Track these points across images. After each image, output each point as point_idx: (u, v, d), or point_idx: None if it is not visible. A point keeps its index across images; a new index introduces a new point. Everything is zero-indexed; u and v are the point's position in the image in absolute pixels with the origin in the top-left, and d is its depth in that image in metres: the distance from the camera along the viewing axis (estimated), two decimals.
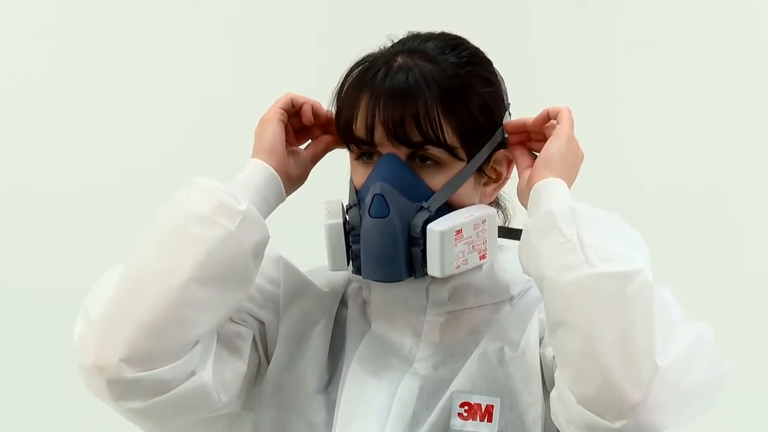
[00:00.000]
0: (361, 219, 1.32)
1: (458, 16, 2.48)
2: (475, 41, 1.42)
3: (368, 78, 1.32)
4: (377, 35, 1.40)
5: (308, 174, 1.43)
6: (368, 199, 1.31)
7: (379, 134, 1.31)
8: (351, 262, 1.35)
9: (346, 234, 1.34)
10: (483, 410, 1.32)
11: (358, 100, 1.33)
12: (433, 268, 1.31)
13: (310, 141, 1.45)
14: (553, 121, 1.36)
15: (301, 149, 1.44)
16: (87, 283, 2.81)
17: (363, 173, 1.35)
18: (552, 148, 1.32)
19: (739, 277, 2.56)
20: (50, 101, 2.66)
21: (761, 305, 2.56)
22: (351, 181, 1.38)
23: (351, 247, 1.34)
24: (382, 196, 1.30)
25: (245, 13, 2.72)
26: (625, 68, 2.65)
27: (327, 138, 1.43)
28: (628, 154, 2.61)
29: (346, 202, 1.38)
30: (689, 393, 1.18)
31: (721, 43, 2.60)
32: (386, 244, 1.30)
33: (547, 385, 1.32)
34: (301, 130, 1.44)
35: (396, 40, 1.38)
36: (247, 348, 1.38)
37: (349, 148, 1.37)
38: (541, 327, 1.34)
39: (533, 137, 1.38)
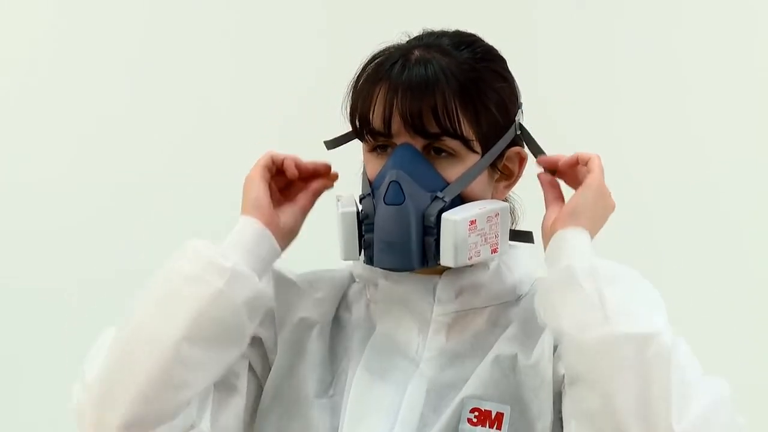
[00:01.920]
0: (375, 207, 1.32)
1: (458, 16, 2.47)
2: None
3: (385, 70, 1.33)
4: (377, 35, 1.40)
5: (300, 225, 1.41)
6: (383, 186, 1.31)
7: (396, 125, 1.32)
8: (363, 251, 1.35)
9: (359, 223, 1.35)
10: (493, 417, 1.31)
11: (374, 91, 1.33)
12: (446, 257, 1.31)
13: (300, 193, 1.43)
14: (582, 167, 1.35)
15: (291, 203, 1.42)
16: (86, 283, 2.81)
17: (377, 164, 1.35)
18: (581, 196, 1.33)
19: (739, 276, 2.55)
20: (50, 102, 2.66)
21: (762, 305, 2.56)
22: (364, 173, 1.38)
23: (363, 236, 1.34)
24: (398, 183, 1.30)
25: (245, 13, 2.72)
26: (625, 68, 2.65)
27: (314, 186, 1.42)
28: (628, 154, 2.60)
29: (357, 196, 1.38)
30: None
31: (721, 43, 2.60)
32: (400, 232, 1.31)
33: (554, 398, 1.32)
34: (288, 185, 1.43)
35: (411, 37, 1.39)
36: (243, 382, 1.38)
37: (363, 140, 1.37)
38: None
39: (562, 177, 1.39)
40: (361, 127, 1.35)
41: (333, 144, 1.44)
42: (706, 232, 2.58)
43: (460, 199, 1.33)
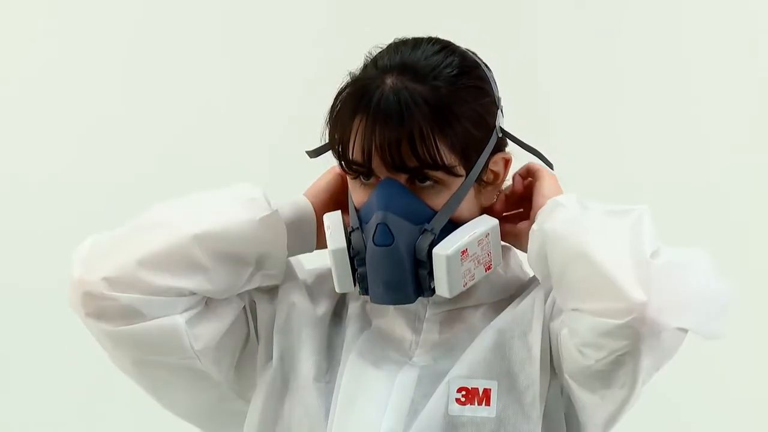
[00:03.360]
0: (365, 244, 1.33)
1: (458, 16, 2.47)
2: (476, 41, 1.41)
3: (361, 104, 1.31)
4: (378, 34, 1.40)
5: None
6: (371, 226, 1.32)
7: (376, 161, 1.31)
8: (358, 283, 1.36)
9: (351, 258, 1.35)
10: (481, 394, 1.33)
11: (351, 126, 1.32)
12: (442, 289, 1.33)
13: None
14: (529, 179, 1.42)
15: None
16: None
17: (363, 194, 1.35)
18: (543, 184, 1.38)
19: (741, 277, 2.55)
20: (48, 102, 2.67)
21: (763, 305, 2.56)
22: (350, 199, 1.38)
23: (357, 270, 1.35)
24: (385, 224, 1.30)
25: (244, 13, 2.72)
26: (625, 68, 2.65)
27: None
28: (628, 154, 2.60)
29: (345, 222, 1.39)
30: (690, 294, 1.24)
31: (722, 44, 2.60)
32: (393, 271, 1.32)
33: (554, 362, 1.35)
34: None
35: (382, 47, 1.38)
36: (230, 314, 1.41)
37: (346, 171, 1.37)
38: (545, 304, 1.37)
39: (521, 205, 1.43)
40: (342, 160, 1.35)
41: (315, 153, 1.44)
42: (707, 232, 2.57)
43: (450, 224, 1.34)
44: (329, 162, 1.43)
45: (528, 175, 1.41)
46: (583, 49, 2.65)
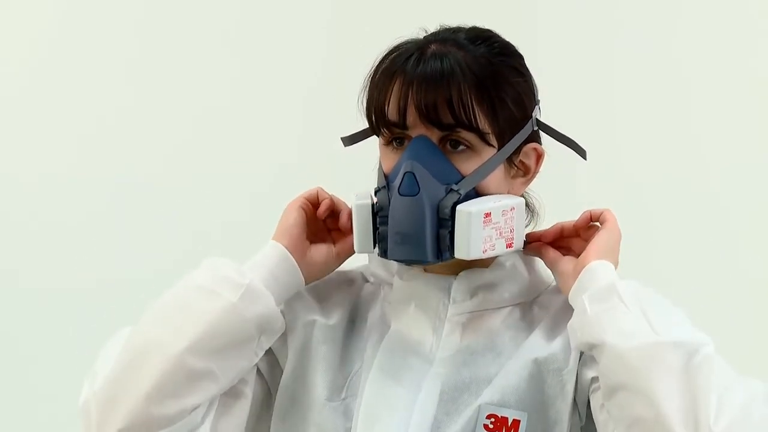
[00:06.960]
0: (389, 199, 1.33)
1: (458, 16, 2.47)
2: None
3: (401, 63, 1.33)
4: (378, 34, 1.40)
5: (333, 266, 1.42)
6: (398, 178, 1.32)
7: (411, 117, 1.32)
8: (377, 244, 1.36)
9: (374, 216, 1.35)
10: (510, 424, 1.32)
11: (390, 84, 1.33)
12: (460, 249, 1.32)
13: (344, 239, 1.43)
14: (595, 223, 1.40)
15: (328, 243, 1.43)
16: (89, 284, 2.80)
17: (393, 158, 1.35)
18: (604, 237, 1.37)
19: (738, 278, 2.56)
20: (52, 103, 2.67)
21: (761, 307, 2.56)
22: (380, 167, 1.38)
23: (378, 228, 1.35)
24: (413, 174, 1.31)
25: (249, 11, 2.72)
26: (624, 68, 2.65)
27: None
28: (627, 154, 2.61)
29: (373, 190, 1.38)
30: None
31: (720, 43, 2.60)
32: (414, 223, 1.31)
33: (578, 405, 1.33)
34: (331, 229, 1.44)
35: (427, 32, 1.39)
36: (249, 388, 1.38)
37: (379, 133, 1.37)
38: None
39: (569, 241, 1.42)
40: (377, 120, 1.35)
41: (350, 140, 1.44)
42: (705, 232, 2.58)
43: (476, 193, 1.34)
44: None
45: (599, 220, 1.40)
46: (582, 49, 2.65)
